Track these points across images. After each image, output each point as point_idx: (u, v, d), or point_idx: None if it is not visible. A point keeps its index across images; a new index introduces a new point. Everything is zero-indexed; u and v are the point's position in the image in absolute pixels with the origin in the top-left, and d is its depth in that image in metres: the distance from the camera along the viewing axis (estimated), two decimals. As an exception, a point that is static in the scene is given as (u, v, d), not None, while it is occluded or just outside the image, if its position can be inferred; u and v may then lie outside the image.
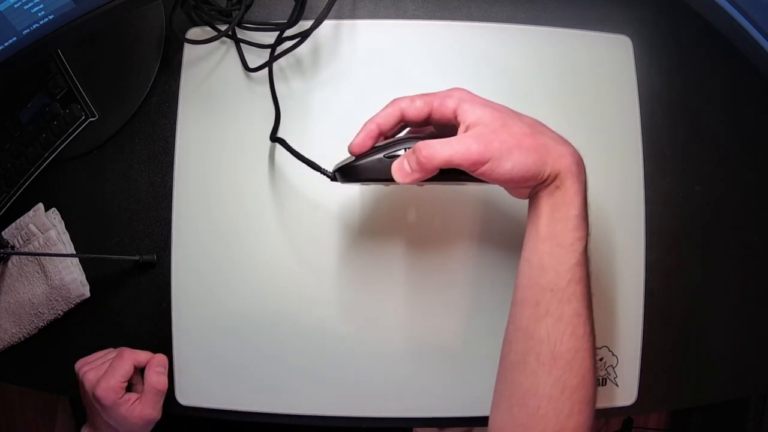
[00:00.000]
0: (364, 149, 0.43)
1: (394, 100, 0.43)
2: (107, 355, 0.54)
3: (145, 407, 0.51)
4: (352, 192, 0.55)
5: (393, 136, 0.45)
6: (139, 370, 0.54)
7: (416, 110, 0.42)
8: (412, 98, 0.42)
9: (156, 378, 0.53)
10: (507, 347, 0.43)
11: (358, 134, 0.43)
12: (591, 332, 0.41)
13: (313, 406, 0.55)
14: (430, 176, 0.40)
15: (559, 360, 0.39)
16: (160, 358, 0.54)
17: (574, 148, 0.41)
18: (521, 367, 0.41)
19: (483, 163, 0.38)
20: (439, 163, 0.39)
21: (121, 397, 0.51)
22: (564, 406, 0.39)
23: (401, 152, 0.41)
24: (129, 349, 0.54)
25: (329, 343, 0.55)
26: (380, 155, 0.42)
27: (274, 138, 0.53)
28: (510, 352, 0.42)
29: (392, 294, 0.55)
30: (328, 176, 0.46)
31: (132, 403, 0.51)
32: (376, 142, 0.43)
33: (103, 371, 0.51)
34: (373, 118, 0.43)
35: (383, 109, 0.43)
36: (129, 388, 0.53)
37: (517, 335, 0.42)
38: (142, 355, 0.54)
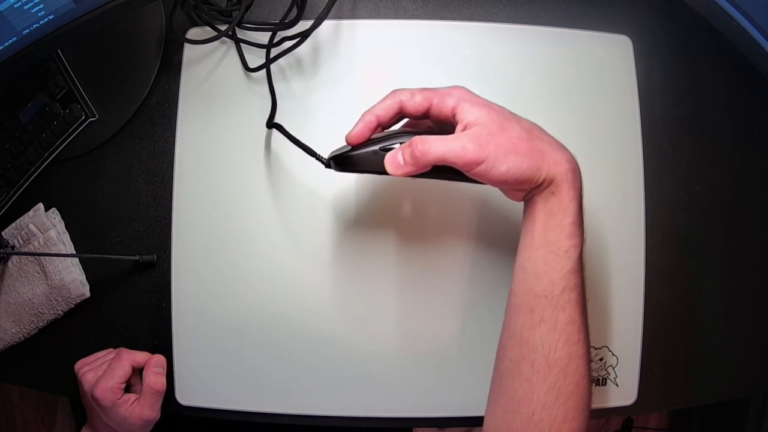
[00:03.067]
0: (362, 140, 0.43)
1: (394, 92, 0.43)
2: (106, 356, 0.54)
3: (144, 408, 0.51)
4: (349, 195, 0.55)
5: (390, 126, 0.45)
6: (138, 371, 0.54)
7: (415, 105, 0.42)
8: (413, 92, 0.42)
9: (154, 378, 0.53)
10: (501, 353, 0.43)
11: (356, 125, 0.43)
12: (585, 339, 0.41)
13: (313, 406, 0.56)
14: (423, 171, 0.40)
15: (554, 367, 0.39)
16: (158, 358, 0.54)
17: (571, 155, 0.41)
18: (516, 374, 0.41)
19: (478, 164, 0.38)
20: (433, 158, 0.39)
21: (120, 398, 0.51)
22: (558, 413, 0.39)
23: (396, 146, 0.42)
24: (127, 349, 0.54)
25: (329, 343, 0.55)
26: (376, 147, 0.42)
27: (271, 124, 0.52)
28: (504, 359, 0.42)
29: (393, 294, 0.55)
30: (322, 162, 0.46)
31: (131, 404, 0.51)
32: (373, 134, 0.43)
33: (102, 372, 0.51)
34: (372, 109, 0.43)
35: (383, 101, 0.43)
36: (128, 389, 0.53)
37: (511, 342, 0.42)
38: (140, 356, 0.54)
